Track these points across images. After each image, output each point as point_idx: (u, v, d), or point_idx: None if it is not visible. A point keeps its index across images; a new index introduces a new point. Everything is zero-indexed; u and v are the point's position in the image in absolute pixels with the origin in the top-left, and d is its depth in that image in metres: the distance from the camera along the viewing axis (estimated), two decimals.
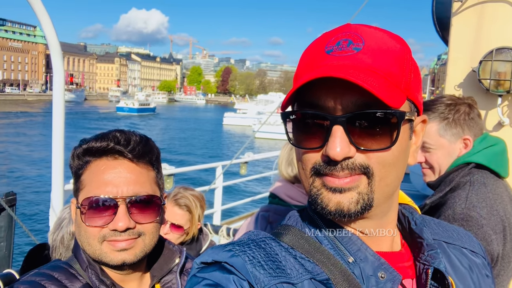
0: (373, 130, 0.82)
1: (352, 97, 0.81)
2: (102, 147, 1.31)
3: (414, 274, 0.94)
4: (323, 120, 0.83)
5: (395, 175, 0.87)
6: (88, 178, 1.33)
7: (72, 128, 55.31)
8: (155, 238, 1.38)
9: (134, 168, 1.34)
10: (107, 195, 1.29)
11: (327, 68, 0.81)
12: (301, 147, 0.88)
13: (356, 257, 0.88)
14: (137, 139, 1.35)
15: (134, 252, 1.31)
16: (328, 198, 0.84)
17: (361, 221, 0.89)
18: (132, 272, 1.40)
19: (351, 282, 0.85)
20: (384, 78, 0.82)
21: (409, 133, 0.90)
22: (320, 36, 0.91)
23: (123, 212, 1.28)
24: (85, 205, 1.30)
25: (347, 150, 0.81)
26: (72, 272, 1.33)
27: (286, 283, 0.82)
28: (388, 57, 0.84)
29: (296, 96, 0.87)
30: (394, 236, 0.96)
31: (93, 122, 70.92)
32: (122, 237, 1.29)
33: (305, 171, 0.88)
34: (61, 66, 4.17)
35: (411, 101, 0.89)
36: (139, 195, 1.32)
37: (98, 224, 1.29)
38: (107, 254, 1.29)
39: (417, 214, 1.02)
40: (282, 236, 0.93)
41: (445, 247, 1.04)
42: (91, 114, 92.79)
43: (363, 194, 0.83)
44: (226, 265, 0.83)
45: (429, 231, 1.00)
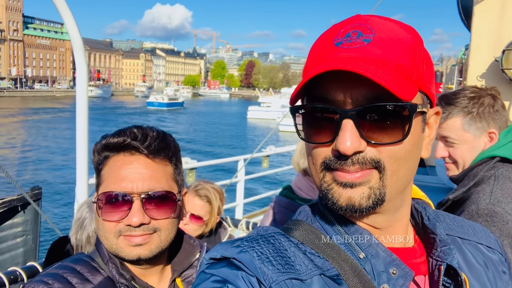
0: (384, 123, 0.80)
1: (362, 90, 0.79)
2: (119, 142, 1.32)
3: (427, 270, 0.92)
4: (332, 114, 0.82)
5: (407, 168, 0.85)
6: (107, 173, 1.35)
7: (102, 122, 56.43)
8: (172, 234, 1.39)
9: (150, 164, 1.34)
10: (122, 190, 1.30)
11: (336, 61, 0.79)
12: (311, 141, 0.86)
13: (367, 253, 0.86)
14: (154, 134, 1.36)
15: (150, 248, 1.31)
16: (339, 193, 0.82)
17: (373, 216, 0.87)
18: (151, 266, 1.41)
19: (362, 278, 0.83)
20: (394, 69, 0.80)
21: (422, 126, 0.88)
22: (330, 28, 0.89)
23: (138, 207, 1.29)
24: (102, 200, 1.32)
25: (358, 144, 0.79)
26: (94, 266, 1.35)
27: (295, 279, 0.81)
28: (399, 48, 0.82)
29: (305, 90, 0.85)
30: (407, 231, 0.94)
31: (125, 117, 72.31)
32: (137, 232, 1.30)
33: (315, 166, 0.87)
34: (84, 62, 4.24)
35: (424, 92, 0.87)
36: (155, 191, 1.32)
37: (114, 218, 1.30)
38: (123, 248, 1.31)
39: (431, 209, 0.99)
40: (292, 231, 0.92)
41: (460, 243, 1.01)
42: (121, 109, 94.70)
43: (375, 189, 0.81)
44: (235, 261, 0.82)
45: (442, 227, 0.97)
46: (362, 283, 0.83)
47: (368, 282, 0.83)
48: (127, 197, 1.30)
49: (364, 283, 0.83)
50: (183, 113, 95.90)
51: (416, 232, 0.98)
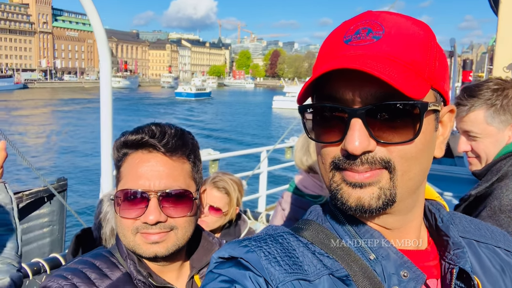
0: (393, 122, 0.78)
1: (371, 88, 0.77)
2: (136, 140, 1.32)
3: (440, 274, 0.89)
4: (341, 113, 0.80)
5: (419, 168, 0.83)
6: (125, 171, 1.35)
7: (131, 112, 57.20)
8: (188, 232, 1.38)
9: (167, 162, 1.33)
10: (139, 188, 1.30)
11: (344, 59, 0.78)
12: (319, 141, 0.85)
13: (378, 254, 0.85)
14: (172, 132, 1.35)
15: (166, 246, 1.31)
16: (348, 193, 0.81)
17: (383, 217, 0.85)
18: (169, 263, 1.41)
19: (372, 279, 0.82)
20: (404, 67, 0.78)
21: (435, 124, 0.85)
22: (340, 25, 0.87)
23: (154, 205, 1.29)
24: (120, 197, 1.33)
25: (366, 143, 0.77)
26: (113, 261, 1.36)
27: (303, 280, 0.80)
28: (410, 45, 0.80)
29: (314, 88, 0.84)
30: (419, 233, 0.92)
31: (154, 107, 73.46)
32: (153, 230, 1.30)
33: (325, 166, 0.85)
34: (107, 53, 4.27)
35: (436, 90, 0.84)
36: (171, 189, 1.32)
37: (131, 216, 1.31)
38: (140, 246, 1.31)
39: (445, 210, 0.97)
40: (301, 231, 0.91)
41: (476, 246, 0.98)
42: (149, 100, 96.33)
43: (385, 189, 0.80)
44: (242, 260, 0.81)
45: (457, 229, 0.95)
46: (372, 285, 0.81)
47: (378, 283, 0.82)
48: (144, 194, 1.30)
49: (374, 285, 0.81)
50: (210, 103, 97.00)
51: (430, 234, 0.96)
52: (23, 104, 70.90)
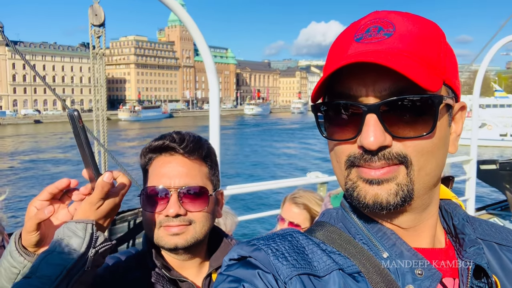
0: (409, 116, 0.77)
1: (385, 83, 0.77)
2: (159, 145, 1.51)
3: (457, 273, 0.86)
4: (355, 110, 0.79)
5: (435, 163, 0.81)
6: (151, 172, 1.53)
7: (268, 137, 59.56)
8: (206, 227, 1.52)
9: (186, 163, 1.50)
10: (162, 185, 1.47)
11: (357, 55, 0.77)
12: (334, 139, 0.84)
13: (391, 253, 0.83)
14: (190, 137, 1.52)
15: (185, 238, 1.46)
16: (365, 190, 0.79)
17: (399, 215, 0.84)
18: (189, 259, 1.54)
19: (385, 277, 0.80)
20: (417, 61, 0.77)
21: (448, 120, 0.84)
22: (349, 26, 0.87)
23: (175, 200, 1.45)
24: (145, 194, 1.50)
25: (382, 139, 0.76)
26: (138, 258, 1.53)
27: (311, 275, 0.79)
28: (421, 42, 0.79)
29: (326, 87, 0.83)
30: (435, 232, 0.90)
31: (287, 132, 76.85)
32: (174, 223, 1.45)
33: (340, 164, 0.84)
34: (216, 81, 4.63)
35: (449, 86, 0.83)
36: (190, 186, 1.48)
37: (155, 210, 1.47)
38: (162, 238, 1.46)
39: (461, 209, 0.95)
40: (314, 232, 0.90)
41: (497, 249, 0.95)
42: (280, 125, 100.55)
43: (402, 185, 0.78)
44: (251, 259, 0.82)
45: (476, 232, 0.94)
46: (385, 282, 0.80)
47: (392, 281, 0.80)
48: (165, 191, 1.46)
49: (387, 282, 0.80)
50: None
51: (447, 234, 0.94)
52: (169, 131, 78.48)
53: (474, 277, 0.84)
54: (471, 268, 0.83)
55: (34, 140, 64.86)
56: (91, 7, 4.09)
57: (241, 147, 56.06)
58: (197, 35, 4.40)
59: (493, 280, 0.84)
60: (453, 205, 0.96)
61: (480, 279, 0.85)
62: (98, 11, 4.13)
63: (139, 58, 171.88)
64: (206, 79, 4.31)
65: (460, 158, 7.22)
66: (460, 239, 0.90)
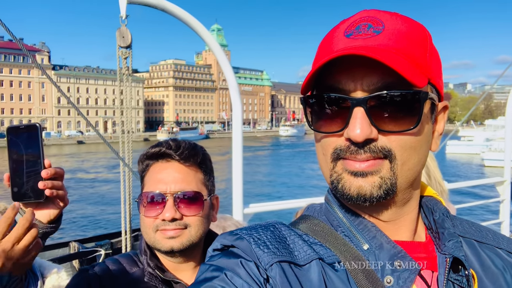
0: (395, 111, 0.79)
1: (373, 78, 0.79)
2: (156, 152, 1.58)
3: (436, 266, 0.89)
4: (343, 103, 0.81)
5: (418, 159, 0.84)
6: (148, 178, 1.60)
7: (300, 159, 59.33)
8: (201, 231, 1.57)
9: (182, 169, 1.57)
10: (158, 190, 1.53)
11: (346, 49, 0.79)
12: (322, 131, 0.86)
13: (372, 244, 0.85)
14: (185, 145, 1.59)
15: (181, 241, 1.51)
16: (349, 182, 0.81)
17: (381, 209, 0.86)
18: (184, 261, 1.59)
19: (365, 268, 0.82)
20: (405, 58, 0.79)
21: (431, 118, 0.87)
22: (339, 23, 0.89)
23: (171, 205, 1.51)
24: (143, 200, 1.55)
25: (369, 131, 0.78)
26: (134, 259, 1.60)
27: (291, 263, 0.81)
28: (409, 40, 0.82)
29: (315, 80, 0.85)
30: (415, 226, 0.92)
31: None
32: (170, 227, 1.51)
33: (326, 157, 0.86)
34: (239, 102, 4.74)
35: (433, 85, 0.86)
36: (185, 191, 1.54)
37: (152, 215, 1.53)
38: (159, 241, 1.52)
39: (441, 205, 0.97)
40: (297, 225, 0.92)
41: (477, 246, 0.97)
42: None
43: (386, 178, 0.80)
44: (234, 249, 0.84)
45: (457, 230, 0.95)
46: (365, 273, 0.82)
47: (371, 272, 0.82)
48: (162, 196, 1.53)
49: (367, 273, 0.82)
50: None
51: (427, 229, 0.96)
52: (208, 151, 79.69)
53: (452, 270, 0.86)
54: (449, 261, 0.85)
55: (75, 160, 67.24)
56: (118, 29, 4.29)
57: (275, 167, 56.06)
58: (222, 58, 4.55)
59: (470, 273, 0.87)
60: (434, 201, 0.98)
61: (457, 272, 0.87)
62: (125, 33, 4.32)
63: (177, 81, 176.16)
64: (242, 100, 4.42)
65: (494, 179, 7.00)
66: (440, 234, 0.91)
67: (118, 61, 4.57)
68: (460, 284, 0.86)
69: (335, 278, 0.82)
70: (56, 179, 1.43)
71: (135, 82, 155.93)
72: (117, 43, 4.30)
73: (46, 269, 2.21)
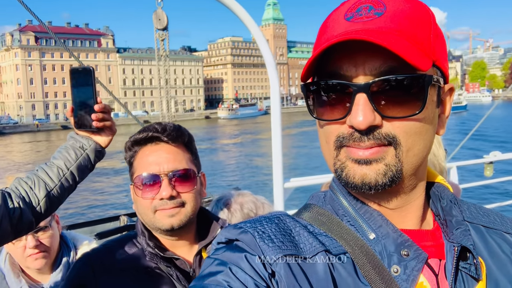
0: (398, 96, 0.77)
1: (375, 63, 0.77)
2: (143, 136, 1.64)
3: (444, 254, 0.87)
4: (345, 89, 0.79)
5: (423, 144, 0.82)
6: (138, 163, 1.66)
7: None
8: (196, 206, 1.66)
9: (171, 149, 1.64)
10: (152, 172, 1.59)
11: (347, 33, 0.77)
12: (324, 119, 0.84)
13: (378, 234, 0.84)
14: (171, 126, 1.66)
15: (180, 218, 1.59)
16: (353, 170, 0.80)
17: (386, 196, 0.85)
18: (181, 238, 1.67)
19: (371, 258, 0.81)
20: (408, 41, 0.76)
21: (437, 101, 0.84)
22: (340, 5, 0.87)
23: (166, 184, 1.58)
24: (138, 183, 1.62)
25: (372, 118, 0.76)
26: (133, 241, 1.66)
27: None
28: (412, 22, 0.79)
29: (316, 67, 0.82)
30: (422, 213, 0.90)
31: None
32: (169, 205, 1.58)
33: (329, 144, 0.84)
34: (276, 77, 4.77)
35: (438, 67, 0.83)
36: (178, 169, 1.61)
37: (150, 196, 1.59)
38: (159, 220, 1.58)
39: (449, 192, 0.95)
40: (301, 215, 0.91)
41: (484, 232, 0.95)
42: None
43: (391, 165, 0.78)
44: (238, 242, 0.83)
45: (464, 214, 0.93)
46: (371, 263, 0.81)
47: (378, 262, 0.81)
48: (157, 177, 1.59)
49: (373, 263, 0.81)
50: (465, 115, 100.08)
51: (435, 216, 0.94)
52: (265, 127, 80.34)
53: (460, 258, 0.84)
54: (457, 250, 0.84)
55: None
56: (155, 12, 4.40)
57: None
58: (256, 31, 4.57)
59: (479, 261, 0.84)
60: (441, 187, 0.96)
61: (466, 260, 0.85)
62: (161, 15, 4.43)
63: (235, 58, 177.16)
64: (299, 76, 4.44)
65: None
66: (447, 221, 0.90)
67: (155, 43, 4.72)
68: (468, 272, 0.84)
69: (341, 269, 0.81)
70: (106, 113, 1.80)
71: (194, 61, 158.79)
72: (154, 26, 4.45)
73: (78, 241, 2.43)
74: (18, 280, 2.17)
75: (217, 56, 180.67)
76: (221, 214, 2.30)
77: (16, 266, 2.20)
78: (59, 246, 2.31)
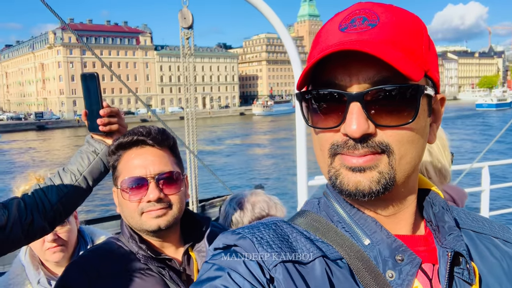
0: (392, 106, 0.79)
1: (369, 73, 0.78)
2: (129, 140, 1.65)
3: (436, 259, 0.88)
4: (339, 98, 0.81)
5: (416, 153, 0.84)
6: (123, 166, 1.65)
7: None
8: (181, 208, 1.68)
9: (156, 152, 1.65)
10: (139, 175, 1.60)
11: (341, 44, 0.79)
12: (318, 127, 0.86)
13: (372, 240, 0.85)
14: (155, 129, 1.68)
15: (167, 219, 1.61)
16: (347, 178, 0.81)
17: (380, 204, 0.87)
18: (167, 238, 1.69)
19: (367, 263, 0.83)
20: (401, 51, 0.78)
21: (428, 111, 0.87)
22: (333, 16, 0.89)
23: (154, 186, 1.59)
24: (125, 186, 1.61)
25: (366, 127, 0.78)
26: (119, 244, 1.66)
27: (295, 262, 0.82)
28: (404, 33, 0.81)
29: (311, 76, 0.84)
30: (414, 219, 0.92)
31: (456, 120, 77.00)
32: (156, 207, 1.59)
33: (323, 152, 0.86)
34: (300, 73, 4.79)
35: (430, 77, 0.85)
36: (164, 172, 1.62)
37: (136, 199, 1.60)
38: (146, 222, 1.60)
39: (440, 198, 0.96)
40: (297, 221, 0.93)
41: (474, 237, 0.97)
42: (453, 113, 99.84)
43: (384, 173, 0.80)
44: (236, 248, 0.84)
45: (452, 217, 0.94)
46: (367, 268, 0.82)
47: (373, 267, 0.82)
48: (144, 180, 1.60)
49: (369, 269, 0.82)
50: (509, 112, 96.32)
51: (427, 222, 0.96)
52: None
53: (453, 263, 0.86)
54: (450, 255, 0.85)
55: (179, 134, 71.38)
56: (180, 11, 4.47)
57: None
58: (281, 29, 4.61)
59: (471, 266, 0.86)
60: (433, 194, 0.97)
61: (459, 265, 0.86)
62: (186, 14, 4.50)
63: (270, 54, 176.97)
64: None
65: None
66: (440, 227, 0.91)
67: (181, 41, 4.82)
68: (462, 277, 0.86)
69: (339, 274, 0.82)
70: (114, 117, 1.87)
71: (229, 58, 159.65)
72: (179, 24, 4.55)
73: (96, 236, 2.53)
74: (37, 272, 2.26)
75: (252, 53, 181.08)
76: (234, 213, 2.35)
77: (36, 259, 2.30)
78: (77, 240, 2.40)
